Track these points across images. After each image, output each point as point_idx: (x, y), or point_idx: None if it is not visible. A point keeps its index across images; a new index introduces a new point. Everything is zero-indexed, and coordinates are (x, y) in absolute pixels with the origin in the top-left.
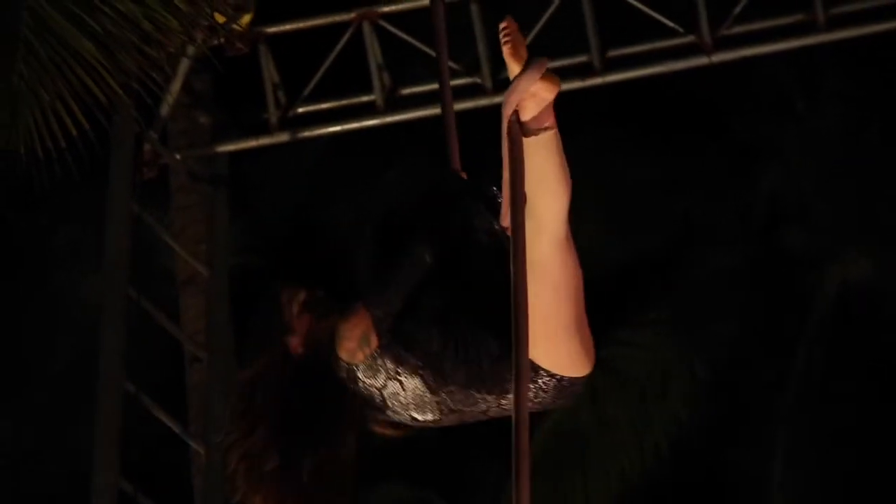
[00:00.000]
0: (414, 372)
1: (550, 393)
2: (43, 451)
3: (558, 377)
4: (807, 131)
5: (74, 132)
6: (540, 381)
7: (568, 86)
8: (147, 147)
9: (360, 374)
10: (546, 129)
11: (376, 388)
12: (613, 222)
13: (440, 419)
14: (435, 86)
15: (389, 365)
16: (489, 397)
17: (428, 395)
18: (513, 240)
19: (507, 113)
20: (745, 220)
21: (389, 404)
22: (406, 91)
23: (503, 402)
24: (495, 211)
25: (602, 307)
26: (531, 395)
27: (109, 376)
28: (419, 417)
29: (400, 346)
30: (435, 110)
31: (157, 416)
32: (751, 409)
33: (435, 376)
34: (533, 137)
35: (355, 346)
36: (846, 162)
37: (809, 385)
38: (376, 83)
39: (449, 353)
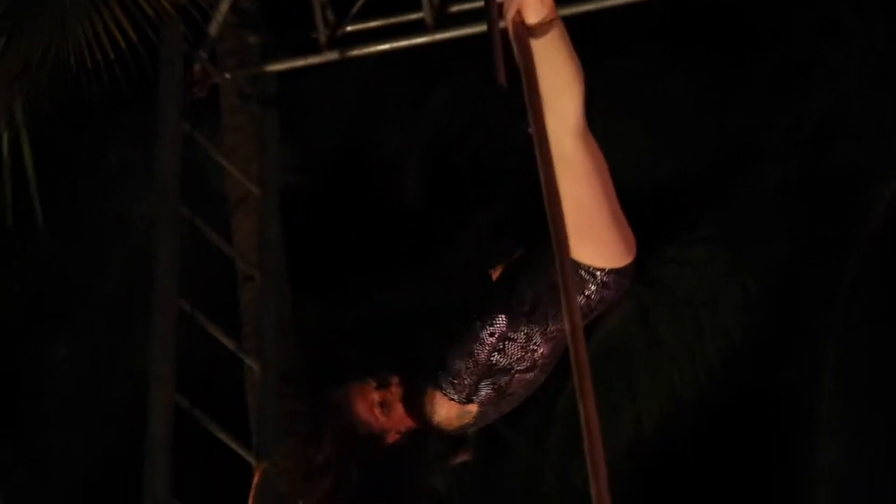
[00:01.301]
0: (510, 379)
1: (612, 288)
2: (100, 371)
3: (615, 270)
4: (856, 45)
5: (124, 45)
6: (599, 280)
7: (613, 2)
8: (196, 66)
9: (473, 426)
10: (551, 24)
11: (491, 416)
12: (662, 140)
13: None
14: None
15: (494, 399)
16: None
17: (531, 374)
18: (536, 145)
19: (509, 18)
20: (795, 136)
21: (507, 411)
22: (455, 8)
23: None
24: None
25: (651, 225)
26: (595, 297)
27: (163, 293)
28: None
29: (493, 381)
30: (484, 27)
31: (212, 333)
32: (802, 325)
33: (525, 361)
34: (541, 37)
35: (457, 424)
36: None
37: (861, 300)
38: (425, 0)
39: (522, 336)
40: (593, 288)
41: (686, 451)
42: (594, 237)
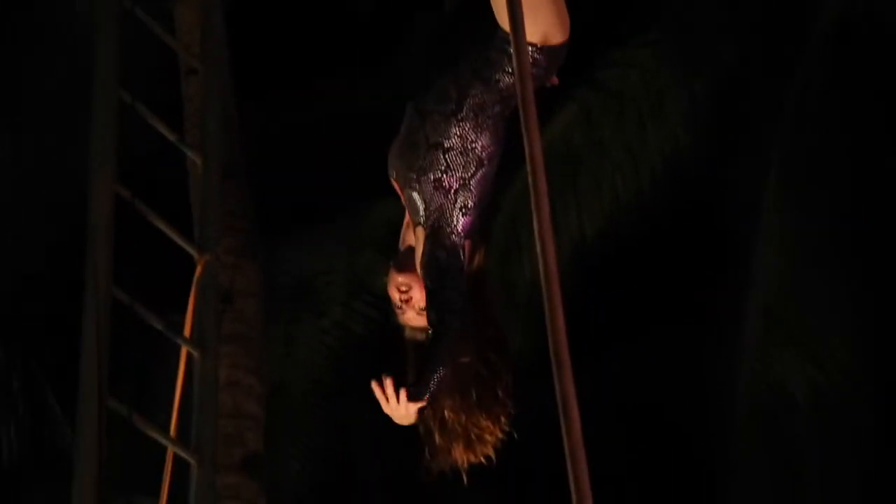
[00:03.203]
0: (470, 193)
1: (543, 66)
2: (43, 166)
3: (548, 48)
4: None
5: None
6: (530, 56)
7: None
8: None
9: None
10: None
11: (482, 223)
12: None
13: None
14: None
15: (475, 217)
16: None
17: (483, 170)
18: None
19: None
20: None
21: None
22: None
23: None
24: None
25: (598, 27)
26: None
27: (104, 83)
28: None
29: (462, 208)
30: None
31: (154, 125)
32: (747, 129)
33: (472, 164)
34: None
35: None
36: None
37: (809, 104)
38: None
39: (456, 139)
40: None
41: (628, 255)
42: (537, 11)
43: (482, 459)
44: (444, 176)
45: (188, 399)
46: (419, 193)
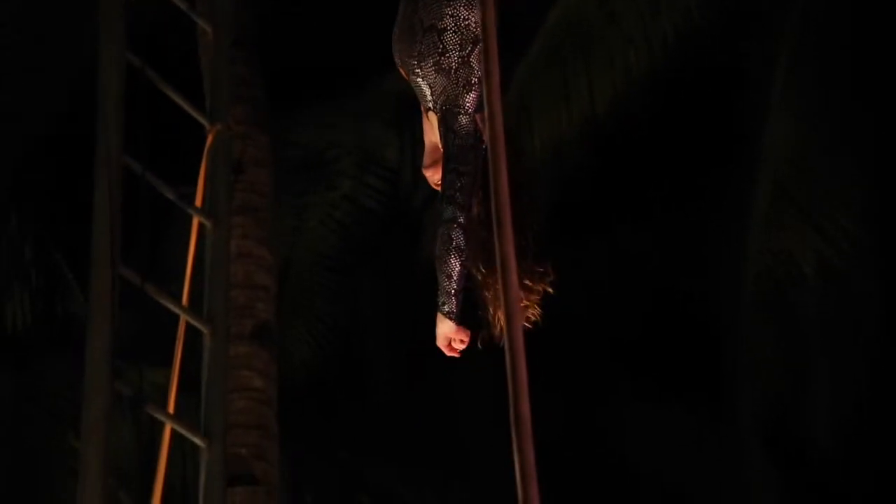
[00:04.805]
0: (472, 68)
1: None
2: (55, 29)
3: None
4: None
5: None
6: None
7: None
8: None
9: None
10: None
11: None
12: None
13: None
14: None
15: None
16: None
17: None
18: None
19: None
20: None
21: None
22: None
23: None
24: None
25: None
26: None
27: None
28: None
29: (466, 81)
30: None
31: None
32: (762, 4)
33: (468, 41)
34: None
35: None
36: None
37: None
38: None
39: (450, 21)
40: None
41: (639, 129)
42: None
43: (526, 323)
44: (442, 58)
45: (200, 269)
46: (423, 79)
